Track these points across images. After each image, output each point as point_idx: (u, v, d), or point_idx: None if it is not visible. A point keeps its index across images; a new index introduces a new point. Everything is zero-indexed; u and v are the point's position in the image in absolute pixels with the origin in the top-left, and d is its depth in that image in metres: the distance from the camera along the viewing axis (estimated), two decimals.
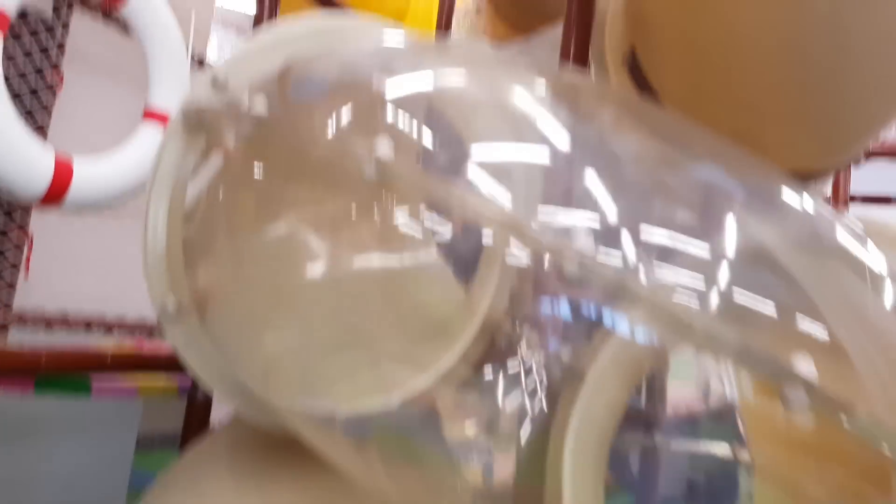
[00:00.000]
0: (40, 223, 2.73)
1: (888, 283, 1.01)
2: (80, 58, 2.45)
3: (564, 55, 1.51)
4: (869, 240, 1.06)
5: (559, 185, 0.97)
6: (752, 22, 1.09)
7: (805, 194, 1.18)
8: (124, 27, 1.71)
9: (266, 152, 0.89)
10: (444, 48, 1.18)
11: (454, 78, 1.03)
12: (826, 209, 1.15)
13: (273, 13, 2.04)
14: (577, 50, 1.50)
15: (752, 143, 1.35)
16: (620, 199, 0.90)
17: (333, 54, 1.09)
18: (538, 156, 0.97)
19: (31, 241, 2.53)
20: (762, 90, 1.20)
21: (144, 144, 1.61)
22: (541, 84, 1.05)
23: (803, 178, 1.44)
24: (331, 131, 0.88)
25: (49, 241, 2.65)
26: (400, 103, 0.97)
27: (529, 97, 1.02)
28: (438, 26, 3.11)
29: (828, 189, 2.29)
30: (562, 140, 0.97)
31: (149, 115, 1.62)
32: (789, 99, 1.20)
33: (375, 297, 1.12)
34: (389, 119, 0.97)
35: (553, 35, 2.02)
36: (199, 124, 1.00)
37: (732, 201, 1.07)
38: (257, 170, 0.97)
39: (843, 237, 1.08)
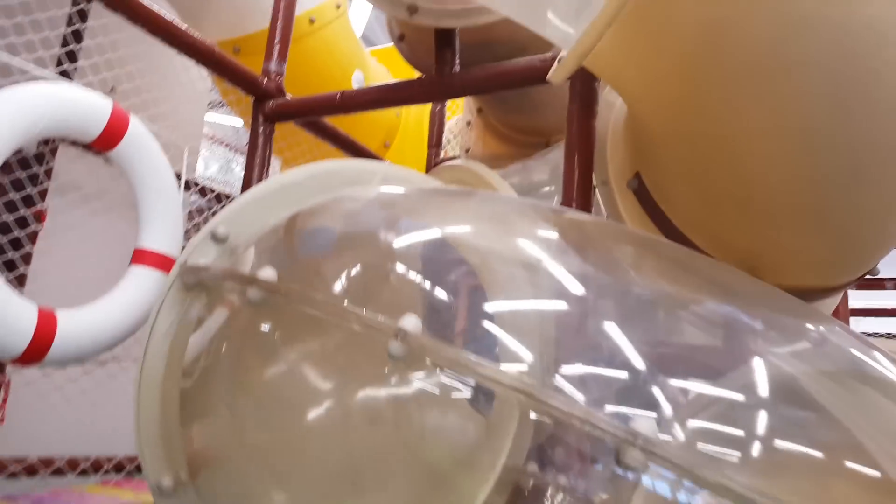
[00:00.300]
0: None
1: None
2: (62, 189, 2.43)
3: (568, 180, 1.49)
4: None
5: (579, 334, 0.93)
6: (768, 164, 1.08)
7: (831, 322, 1.13)
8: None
9: (278, 316, 0.82)
10: (447, 193, 1.15)
11: (464, 227, 0.99)
12: (852, 333, 1.10)
13: (268, 142, 2.05)
14: (581, 175, 1.49)
15: (768, 262, 1.32)
16: (639, 345, 0.85)
17: (337, 204, 1.05)
18: (555, 307, 0.93)
19: (7, 387, 2.41)
20: (778, 219, 1.17)
21: (134, 289, 1.54)
22: (553, 229, 1.02)
23: (819, 294, 1.40)
24: (346, 294, 0.82)
25: (26, 384, 2.54)
26: (410, 257, 0.93)
27: (544, 244, 0.98)
28: (430, 142, 3.17)
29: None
30: (579, 288, 0.93)
31: (139, 258, 1.57)
32: (806, 225, 1.17)
33: (389, 450, 1.03)
34: (400, 274, 0.93)
35: (552, 156, 2.03)
36: (199, 284, 0.94)
37: (757, 336, 1.03)
38: (266, 329, 0.91)
39: (873, 361, 1.03)
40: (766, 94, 1.02)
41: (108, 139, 1.55)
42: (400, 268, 0.93)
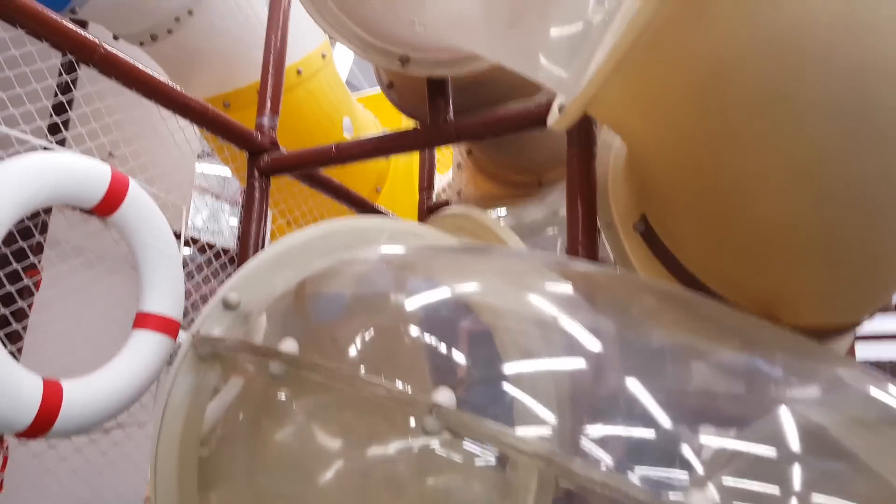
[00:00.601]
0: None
1: None
2: (61, 254, 2.39)
3: (572, 223, 1.49)
4: None
5: (599, 393, 0.91)
6: (781, 204, 1.08)
7: (852, 365, 1.12)
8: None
9: (299, 387, 0.80)
10: (456, 250, 1.14)
11: (477, 286, 0.98)
12: (874, 375, 1.08)
13: (264, 196, 2.04)
14: (585, 218, 1.48)
15: (784, 302, 1.31)
16: (662, 401, 0.84)
17: (347, 267, 1.03)
18: (573, 366, 0.92)
19: (6, 456, 2.34)
20: (792, 259, 1.17)
21: (139, 354, 1.51)
22: (566, 284, 1.01)
23: (836, 332, 1.39)
24: (365, 362, 0.80)
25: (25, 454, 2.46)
26: (424, 321, 0.91)
27: (557, 301, 0.97)
28: (421, 185, 3.17)
29: None
30: (596, 345, 0.91)
31: (142, 322, 1.54)
32: (821, 264, 1.17)
33: None
34: (417, 339, 0.91)
35: (551, 198, 2.03)
36: (213, 354, 0.92)
37: (781, 385, 1.01)
38: (286, 399, 0.89)
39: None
40: (778, 134, 1.01)
41: (109, 204, 1.54)
42: (415, 332, 0.91)
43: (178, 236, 1.92)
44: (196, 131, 2.88)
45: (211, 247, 3.33)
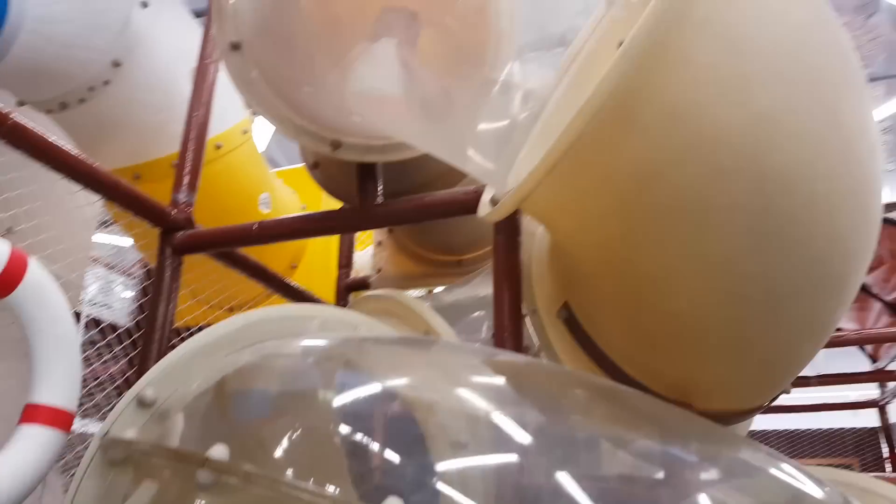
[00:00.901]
0: None
1: None
2: None
3: (499, 309, 1.50)
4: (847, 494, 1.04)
5: (529, 486, 0.91)
6: (695, 298, 1.15)
7: (759, 448, 1.17)
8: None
9: (229, 496, 0.75)
10: (386, 342, 1.12)
11: (407, 380, 0.96)
12: (776, 455, 1.14)
13: (176, 275, 1.96)
14: (511, 304, 1.50)
15: (697, 389, 1.37)
16: (588, 492, 0.84)
17: (271, 360, 1.00)
18: (503, 460, 0.91)
19: None
20: (705, 349, 1.23)
21: (26, 451, 1.35)
22: (494, 376, 1.01)
23: (743, 415, 1.45)
24: (293, 466, 0.76)
25: None
26: (353, 418, 0.88)
27: (486, 394, 0.97)
28: (340, 262, 3.14)
29: None
30: (524, 438, 0.91)
31: (31, 415, 1.40)
32: (731, 355, 1.24)
33: None
34: (346, 435, 0.88)
35: (477, 280, 2.05)
36: (125, 459, 0.85)
37: (701, 474, 1.04)
38: None
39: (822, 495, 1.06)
40: (694, 234, 1.08)
41: (5, 284, 1.41)
42: (348, 431, 0.88)
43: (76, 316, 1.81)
44: (98, 204, 2.76)
45: (100, 322, 3.15)
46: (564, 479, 0.86)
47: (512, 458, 0.91)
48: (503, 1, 1.67)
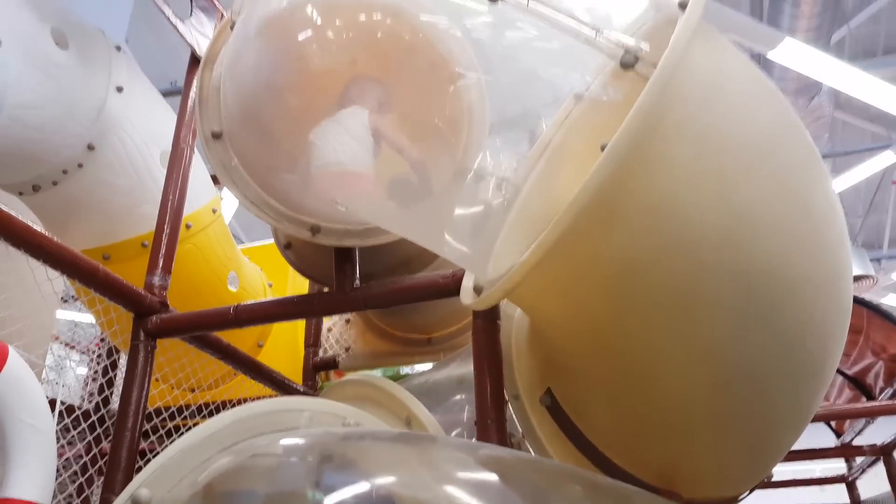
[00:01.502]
0: None
1: None
2: None
3: (481, 395, 1.50)
4: None
5: None
6: (682, 386, 1.18)
7: None
8: None
9: None
10: (373, 437, 1.11)
11: (396, 478, 0.96)
12: None
13: (149, 359, 1.91)
14: (493, 390, 1.51)
15: (683, 476, 1.38)
16: None
17: (260, 460, 0.98)
18: None
19: None
20: (691, 436, 1.25)
21: None
22: (483, 472, 1.01)
23: (727, 502, 1.47)
24: None
25: None
26: None
27: (475, 492, 0.97)
28: (307, 341, 3.10)
29: None
30: None
31: None
32: (716, 441, 1.26)
33: None
34: None
35: (455, 364, 2.05)
36: None
37: None
38: None
39: None
40: (679, 324, 1.12)
41: None
42: None
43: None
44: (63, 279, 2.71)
45: (52, 403, 3.02)
46: None
47: None
48: (475, 94, 1.74)
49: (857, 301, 4.37)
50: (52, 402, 3.06)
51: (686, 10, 1.10)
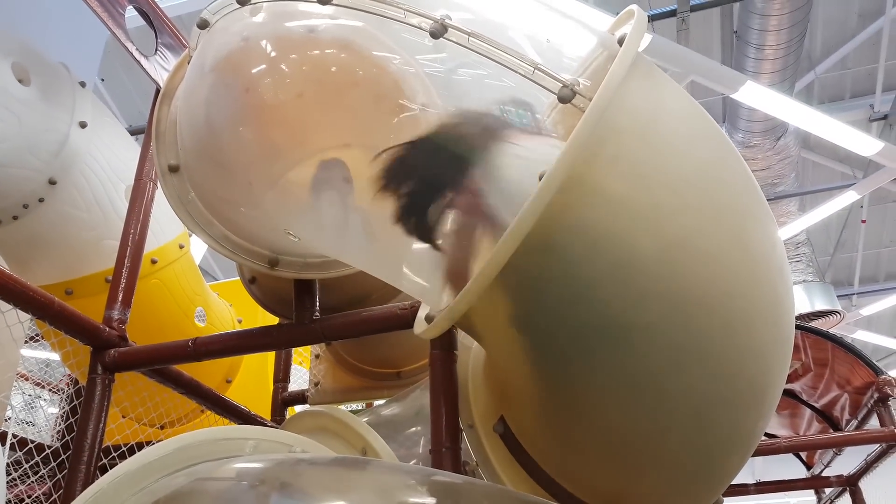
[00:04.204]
0: None
1: None
2: None
3: (436, 424, 1.51)
4: None
5: None
6: (622, 415, 1.20)
7: None
8: None
9: None
10: (323, 463, 1.12)
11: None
12: None
13: (106, 393, 1.90)
14: (448, 419, 1.52)
15: (627, 501, 1.39)
16: None
17: (201, 485, 0.98)
18: None
19: None
20: (634, 464, 1.27)
21: None
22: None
23: None
24: None
25: None
26: None
27: None
28: (276, 377, 3.09)
29: None
30: None
31: None
32: (659, 469, 1.27)
33: None
34: None
35: (414, 395, 2.06)
36: None
37: None
38: None
39: None
40: (618, 352, 1.15)
41: None
42: None
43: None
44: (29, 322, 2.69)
45: (27, 443, 2.97)
46: None
47: None
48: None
49: (823, 335, 4.46)
50: (24, 442, 3.01)
51: (623, 45, 1.15)
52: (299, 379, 3.28)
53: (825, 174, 9.69)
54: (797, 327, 4.51)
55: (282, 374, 3.00)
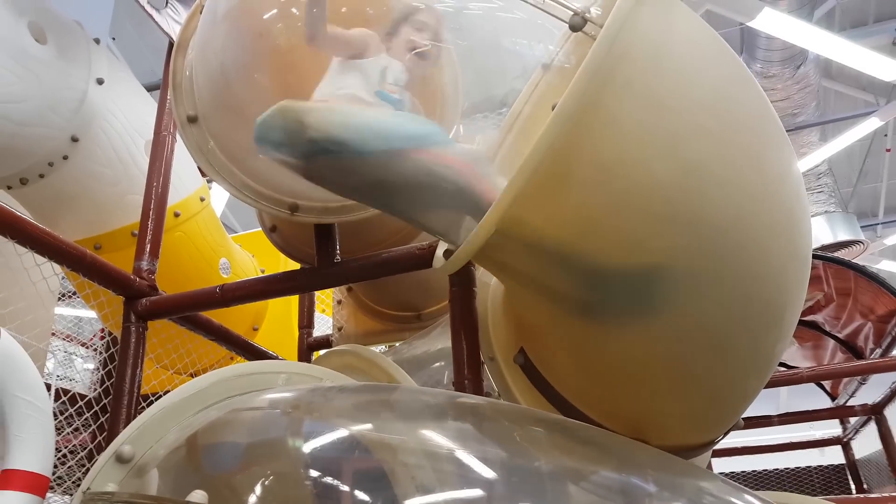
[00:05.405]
0: None
1: None
2: None
3: (458, 358, 1.56)
4: None
5: None
6: (641, 348, 1.22)
7: (714, 478, 1.25)
8: None
9: None
10: (349, 391, 1.17)
11: (371, 425, 1.01)
12: (732, 484, 1.21)
13: (141, 340, 1.97)
14: (469, 353, 1.57)
15: (651, 426, 1.43)
16: None
17: (240, 414, 1.04)
18: (466, 496, 0.97)
19: None
20: (654, 389, 1.31)
21: None
22: (454, 417, 1.07)
23: (697, 449, 1.52)
24: None
25: None
26: (321, 462, 0.93)
27: (448, 434, 1.02)
28: (300, 323, 3.16)
29: None
30: (487, 473, 0.97)
31: (6, 481, 1.40)
32: (679, 393, 1.31)
33: None
34: (315, 480, 0.92)
35: (436, 332, 2.11)
36: None
37: (653, 500, 1.11)
38: None
39: None
40: (633, 278, 1.17)
41: None
42: (314, 475, 0.93)
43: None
44: (59, 274, 2.76)
45: (66, 392, 3.09)
46: None
47: (476, 494, 0.96)
48: (447, 66, 1.78)
49: (845, 264, 4.43)
50: (60, 393, 3.13)
51: None
52: (323, 326, 3.35)
53: (847, 103, 9.44)
54: (819, 258, 4.48)
55: (306, 321, 3.07)
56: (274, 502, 0.89)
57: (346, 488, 0.91)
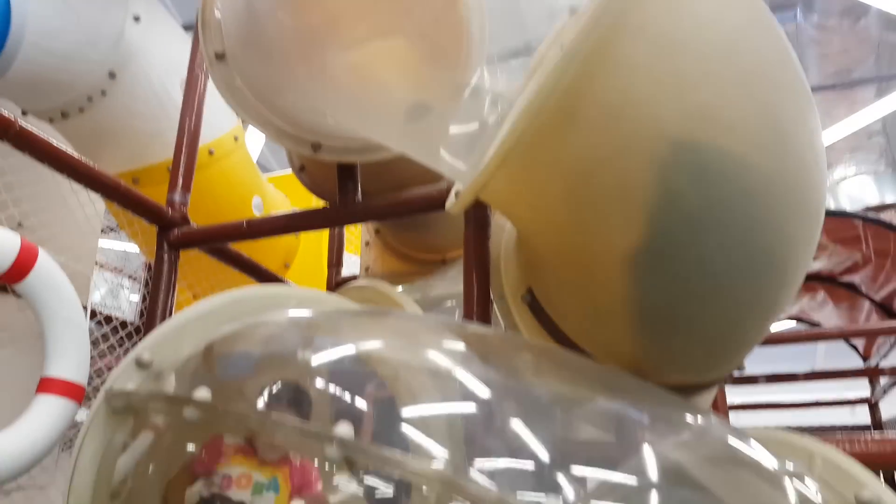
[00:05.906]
0: None
1: (787, 483, 1.10)
2: None
3: (468, 295, 1.62)
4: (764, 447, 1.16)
5: (487, 432, 1.02)
6: (639, 288, 1.25)
7: (707, 414, 1.29)
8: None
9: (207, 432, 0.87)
10: (358, 313, 1.24)
11: (376, 343, 1.08)
12: (725, 423, 1.25)
13: (173, 269, 2.07)
14: (479, 291, 1.62)
15: (649, 364, 1.48)
16: (542, 440, 0.95)
17: (253, 328, 1.11)
18: (463, 410, 1.03)
19: None
20: (652, 327, 1.33)
21: (42, 417, 1.51)
22: (458, 341, 1.13)
23: (697, 389, 1.56)
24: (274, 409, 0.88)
25: None
26: (327, 374, 1.00)
27: (450, 355, 1.08)
28: (330, 261, 3.26)
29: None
30: (484, 392, 1.03)
31: (46, 386, 1.54)
32: (677, 333, 1.33)
33: None
34: (319, 389, 1.00)
35: (451, 273, 2.17)
36: (126, 408, 0.97)
37: (645, 429, 1.16)
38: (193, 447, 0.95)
39: (746, 449, 1.18)
40: (634, 220, 1.19)
41: (18, 272, 1.58)
42: (317, 382, 1.01)
43: (84, 308, 1.93)
44: (101, 208, 2.89)
45: (112, 319, 3.26)
46: (520, 427, 0.98)
47: (470, 407, 1.02)
48: (473, 10, 1.78)
49: (884, 225, 4.33)
50: (112, 319, 3.30)
51: None
52: (351, 266, 3.44)
53: None
54: (858, 217, 4.38)
55: (335, 260, 3.16)
56: (283, 405, 0.97)
57: (351, 397, 0.98)
